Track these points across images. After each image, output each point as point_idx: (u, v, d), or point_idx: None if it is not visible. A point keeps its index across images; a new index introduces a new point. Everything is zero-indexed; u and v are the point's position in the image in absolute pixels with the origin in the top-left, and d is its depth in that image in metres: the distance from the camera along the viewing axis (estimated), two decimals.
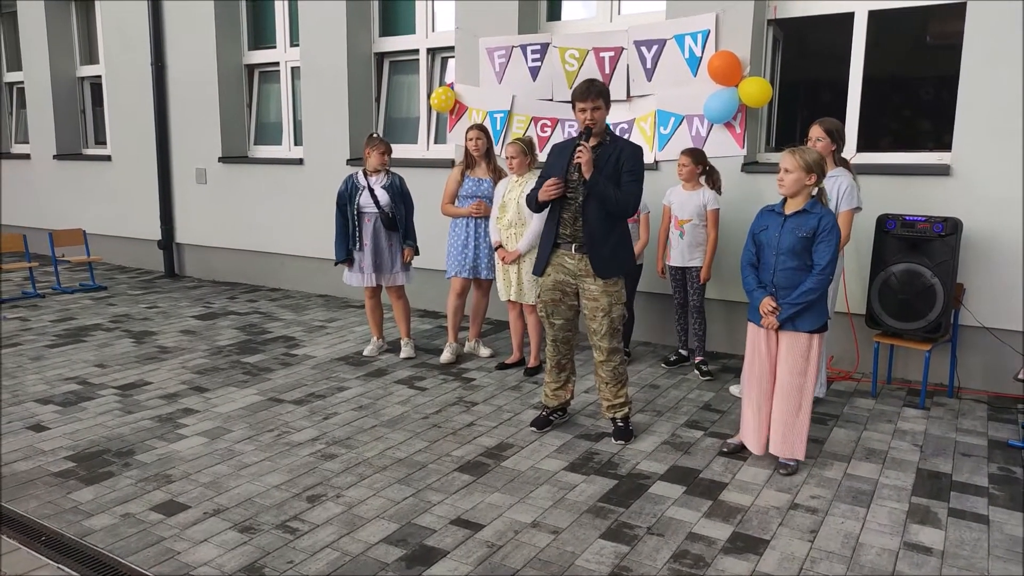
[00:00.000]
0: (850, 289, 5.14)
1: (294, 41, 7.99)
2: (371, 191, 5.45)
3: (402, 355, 5.71)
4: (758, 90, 5.41)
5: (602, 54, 6.06)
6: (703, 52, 5.62)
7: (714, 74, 5.50)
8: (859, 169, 4.95)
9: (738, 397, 4.66)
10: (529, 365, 5.38)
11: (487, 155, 5.49)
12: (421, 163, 7.01)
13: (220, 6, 8.21)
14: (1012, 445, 4.13)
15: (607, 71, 6.07)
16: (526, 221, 5.07)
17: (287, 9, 8.06)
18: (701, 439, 4.22)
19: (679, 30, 5.71)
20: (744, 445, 3.97)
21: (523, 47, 6.39)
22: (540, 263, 4.20)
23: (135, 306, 7.50)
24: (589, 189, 3.94)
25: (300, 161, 7.92)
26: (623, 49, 5.98)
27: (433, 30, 7.25)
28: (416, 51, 7.38)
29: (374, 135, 5.61)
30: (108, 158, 9.60)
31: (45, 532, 3.21)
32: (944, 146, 5.13)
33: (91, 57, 10.04)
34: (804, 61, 7.58)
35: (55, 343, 6.13)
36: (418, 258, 5.75)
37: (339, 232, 5.56)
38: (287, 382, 5.19)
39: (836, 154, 4.52)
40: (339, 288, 7.84)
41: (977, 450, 4.08)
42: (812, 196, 3.63)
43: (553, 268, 4.15)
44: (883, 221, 4.83)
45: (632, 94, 6.04)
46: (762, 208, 3.85)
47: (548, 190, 3.99)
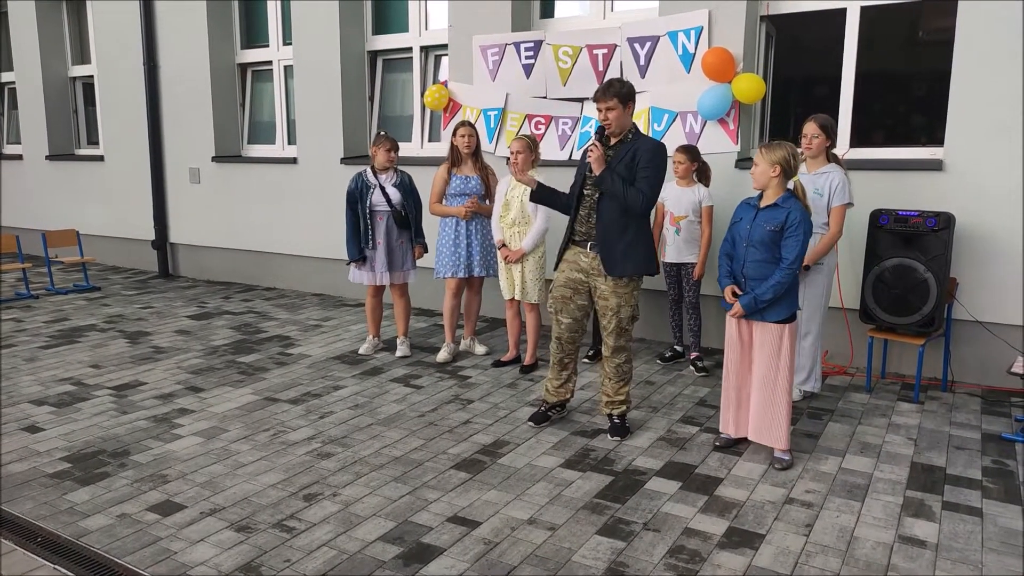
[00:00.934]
0: (844, 284, 5.16)
1: (287, 40, 7.97)
2: (383, 189, 5.45)
3: (398, 353, 5.71)
4: (751, 86, 5.42)
5: (595, 51, 6.07)
6: (696, 49, 5.63)
7: (707, 71, 5.51)
8: (852, 164, 4.97)
9: None
10: (525, 363, 5.38)
11: (475, 153, 5.50)
12: (415, 161, 7.00)
13: (212, 5, 8.19)
14: (1005, 438, 4.15)
15: (600, 68, 6.07)
16: (530, 219, 5.07)
17: (280, 8, 8.03)
18: (697, 435, 4.23)
19: (672, 27, 5.72)
20: (734, 439, 4.03)
21: (516, 45, 6.39)
22: (558, 258, 4.23)
23: (129, 306, 7.48)
24: (596, 185, 3.95)
25: (294, 160, 7.90)
26: (616, 46, 5.99)
27: (426, 28, 7.25)
28: (409, 49, 7.37)
29: (382, 133, 5.61)
30: (101, 158, 9.56)
31: (41, 533, 3.21)
32: (937, 141, 5.15)
33: (83, 57, 10.00)
34: (797, 57, 7.59)
35: (49, 344, 6.12)
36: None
37: (350, 231, 5.51)
38: (283, 381, 5.18)
39: (828, 150, 4.55)
40: (334, 287, 7.84)
41: (971, 443, 4.11)
42: (787, 190, 3.71)
43: (567, 265, 4.16)
44: (876, 216, 4.85)
45: None
46: (741, 200, 3.93)
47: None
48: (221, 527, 3.25)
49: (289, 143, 8.24)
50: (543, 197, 4.27)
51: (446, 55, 6.98)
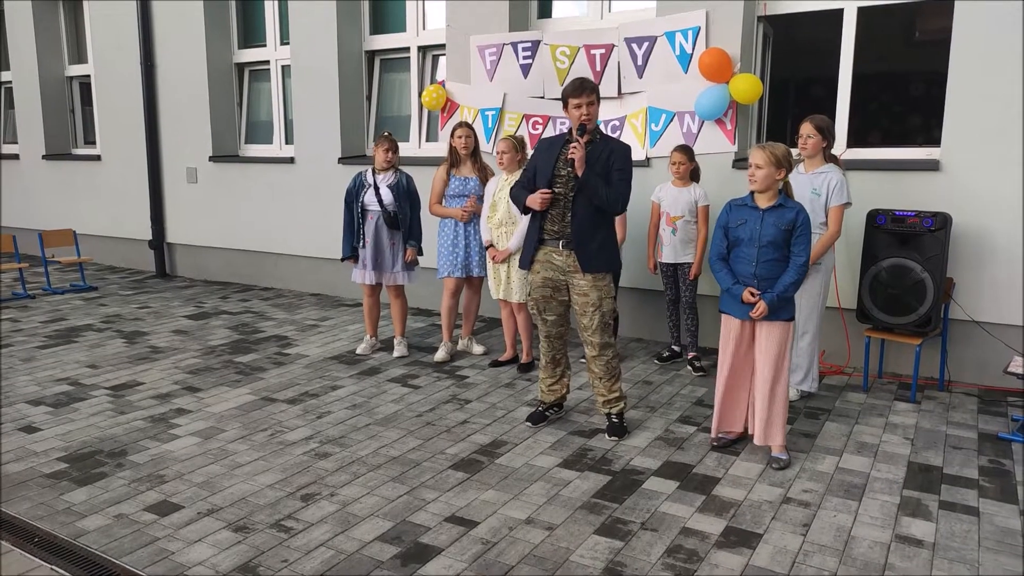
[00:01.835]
0: (841, 284, 5.17)
1: (284, 39, 7.96)
2: (376, 189, 5.45)
3: (395, 354, 5.71)
4: (748, 87, 5.42)
5: (593, 51, 6.07)
6: (694, 49, 5.64)
7: (705, 71, 5.52)
8: (849, 165, 4.98)
9: None
10: (522, 361, 5.39)
11: (474, 153, 5.50)
12: (413, 161, 6.99)
13: (210, 5, 8.18)
14: (1002, 438, 4.16)
15: (598, 68, 6.08)
16: (516, 220, 5.07)
17: (277, 7, 8.03)
18: (694, 434, 4.24)
19: (670, 27, 5.72)
20: (731, 438, 4.05)
21: (514, 45, 6.39)
22: (526, 258, 4.23)
23: (126, 306, 7.47)
24: (582, 185, 3.96)
25: (291, 160, 7.90)
26: (614, 46, 5.99)
27: (424, 28, 7.24)
28: (407, 49, 7.36)
29: (385, 133, 5.61)
30: (98, 158, 9.55)
31: (38, 533, 3.20)
32: (933, 141, 5.16)
33: (80, 56, 9.98)
34: (794, 58, 7.61)
35: (46, 344, 6.11)
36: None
37: (345, 228, 5.58)
38: (280, 381, 5.18)
39: (826, 150, 4.55)
40: (331, 287, 7.84)
41: (967, 443, 4.12)
42: (779, 190, 3.76)
43: (541, 265, 4.17)
44: (873, 216, 4.86)
45: (623, 91, 6.05)
46: (729, 203, 3.91)
47: (536, 200, 4.01)
48: (218, 527, 3.25)
49: (286, 143, 8.23)
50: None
51: (444, 55, 6.98)
